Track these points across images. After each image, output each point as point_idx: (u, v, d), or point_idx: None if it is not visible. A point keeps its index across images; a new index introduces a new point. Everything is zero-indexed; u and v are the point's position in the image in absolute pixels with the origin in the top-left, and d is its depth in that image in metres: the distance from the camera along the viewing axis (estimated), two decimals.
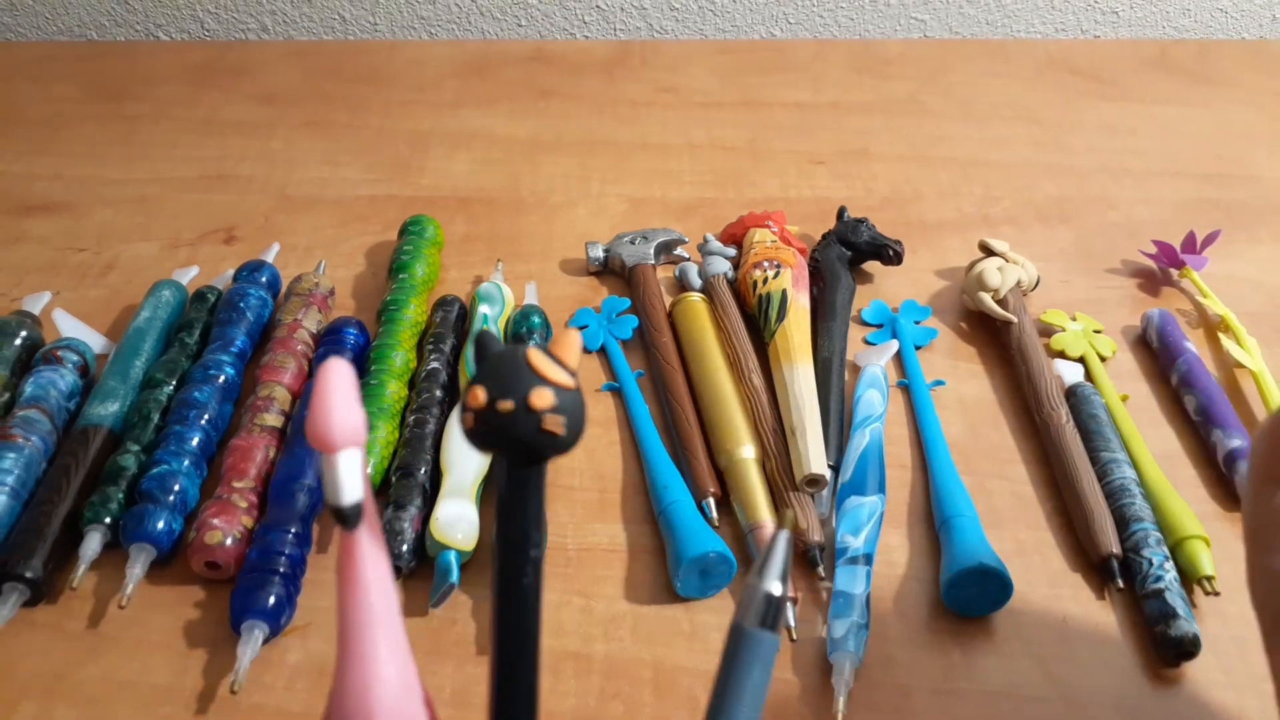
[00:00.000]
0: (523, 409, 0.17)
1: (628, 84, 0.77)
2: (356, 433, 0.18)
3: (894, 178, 0.66)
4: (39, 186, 0.65)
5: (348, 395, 0.18)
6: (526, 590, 0.19)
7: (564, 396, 0.17)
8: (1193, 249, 0.57)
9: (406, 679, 0.20)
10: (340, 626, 0.20)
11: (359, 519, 0.19)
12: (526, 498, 0.18)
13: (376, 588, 0.20)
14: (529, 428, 0.17)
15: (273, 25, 0.88)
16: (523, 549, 0.18)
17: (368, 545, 0.20)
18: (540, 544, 0.19)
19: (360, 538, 0.19)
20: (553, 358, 0.18)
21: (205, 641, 0.39)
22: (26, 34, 0.89)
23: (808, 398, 0.46)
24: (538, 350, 0.18)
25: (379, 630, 0.20)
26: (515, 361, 0.17)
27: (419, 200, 0.64)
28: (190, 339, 0.49)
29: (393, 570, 0.40)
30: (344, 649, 0.20)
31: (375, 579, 0.20)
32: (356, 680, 0.20)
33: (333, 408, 0.17)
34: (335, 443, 0.18)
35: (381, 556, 0.20)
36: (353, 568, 0.19)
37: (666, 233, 0.58)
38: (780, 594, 0.21)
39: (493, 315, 0.51)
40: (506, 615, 0.19)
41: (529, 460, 0.18)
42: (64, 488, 0.41)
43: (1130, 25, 0.89)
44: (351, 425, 0.18)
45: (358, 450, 0.18)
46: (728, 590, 0.41)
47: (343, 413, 0.18)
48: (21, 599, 0.39)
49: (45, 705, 0.37)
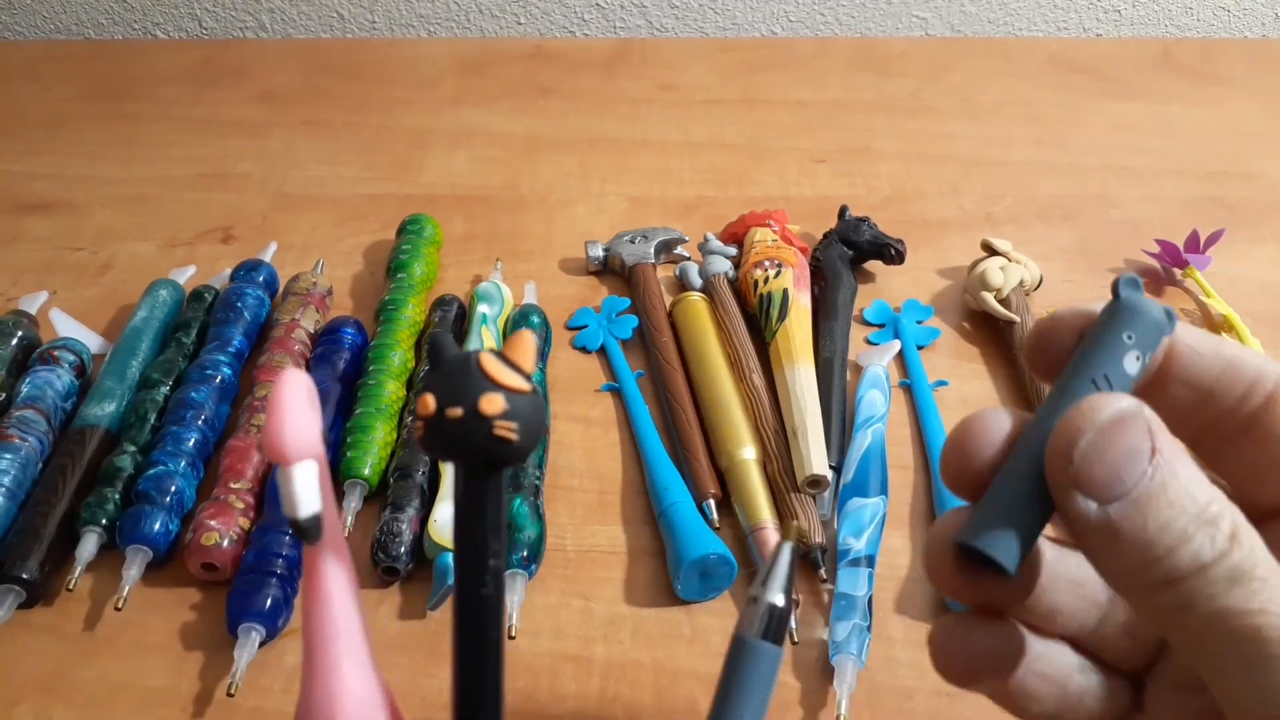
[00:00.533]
0: (472, 415, 0.16)
1: (628, 82, 0.77)
2: (311, 444, 0.17)
3: (896, 176, 0.66)
4: (36, 186, 0.65)
5: (303, 407, 0.17)
6: (487, 600, 0.18)
7: (516, 401, 0.17)
8: (1196, 248, 0.56)
9: (370, 693, 0.20)
10: (305, 639, 0.19)
11: (318, 532, 0.19)
12: (484, 506, 0.18)
13: (339, 601, 0.19)
14: (480, 435, 0.16)
15: (270, 23, 0.88)
16: (482, 558, 0.18)
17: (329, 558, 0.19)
18: (500, 554, 0.18)
19: (320, 551, 0.19)
20: (505, 361, 0.17)
21: (202, 644, 0.38)
22: (24, 32, 0.88)
23: (809, 398, 0.46)
24: (489, 354, 0.17)
25: (342, 643, 0.19)
26: (465, 366, 0.17)
27: (417, 199, 0.64)
28: (187, 339, 0.49)
29: (392, 571, 0.40)
30: (309, 662, 0.20)
31: (337, 591, 0.19)
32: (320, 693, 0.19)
33: (285, 420, 0.17)
34: (289, 455, 0.17)
35: (344, 569, 0.19)
36: (315, 581, 0.19)
37: (667, 232, 0.58)
38: (784, 606, 0.21)
39: (491, 315, 0.51)
40: (467, 627, 0.18)
41: (483, 468, 0.17)
42: (60, 489, 0.41)
43: (1133, 24, 0.89)
44: (306, 437, 0.17)
45: (314, 462, 0.18)
46: (729, 592, 0.40)
47: (296, 425, 0.17)
48: (17, 601, 0.38)
49: (42, 707, 0.36)
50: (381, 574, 0.40)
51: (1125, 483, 0.19)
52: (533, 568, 0.40)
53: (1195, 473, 0.19)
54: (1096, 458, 0.19)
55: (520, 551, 0.39)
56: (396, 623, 0.39)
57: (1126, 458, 0.19)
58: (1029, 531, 0.20)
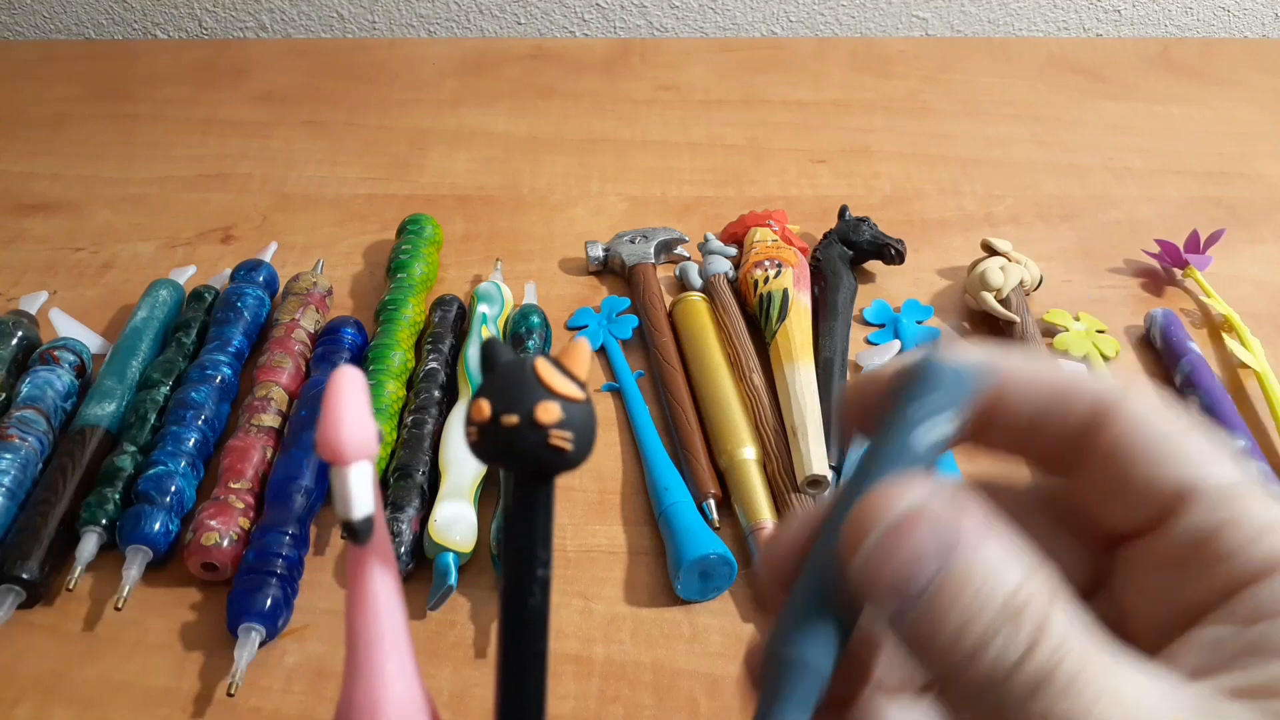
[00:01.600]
0: (528, 424, 0.16)
1: (628, 82, 0.77)
2: (368, 444, 0.17)
3: (896, 176, 0.66)
4: (36, 186, 0.65)
5: (360, 405, 0.17)
6: (533, 611, 0.18)
7: (571, 410, 0.17)
8: (1196, 248, 0.56)
9: (413, 696, 0.20)
10: (348, 641, 0.19)
11: (370, 534, 0.18)
12: (534, 515, 0.17)
13: (385, 603, 0.19)
14: (534, 443, 0.16)
15: (270, 23, 0.88)
16: (530, 568, 0.18)
17: (376, 560, 0.19)
18: (548, 563, 0.18)
19: (369, 553, 0.19)
20: (561, 368, 0.17)
21: (202, 643, 0.38)
22: (24, 32, 0.88)
23: (809, 398, 0.46)
24: (545, 360, 0.17)
25: (387, 647, 0.19)
26: (521, 373, 0.17)
27: (417, 199, 0.64)
28: (187, 339, 0.49)
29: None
30: (352, 664, 0.19)
31: (384, 594, 0.19)
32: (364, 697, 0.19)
33: (343, 419, 0.17)
34: (347, 455, 0.17)
35: (390, 571, 0.19)
36: (362, 583, 0.19)
37: (667, 232, 0.58)
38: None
39: (492, 315, 0.51)
40: (513, 637, 0.18)
41: (536, 476, 0.17)
42: (60, 489, 0.41)
43: (1132, 24, 0.89)
44: (363, 437, 0.17)
45: (369, 463, 0.18)
46: (729, 592, 0.40)
47: (354, 424, 0.17)
48: (18, 601, 0.38)
49: (42, 707, 0.36)
50: None
51: (917, 583, 0.17)
52: None
53: (1003, 552, 0.17)
54: (884, 559, 0.17)
55: None
56: None
57: (916, 557, 0.17)
58: (840, 630, 0.18)
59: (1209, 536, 0.19)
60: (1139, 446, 0.20)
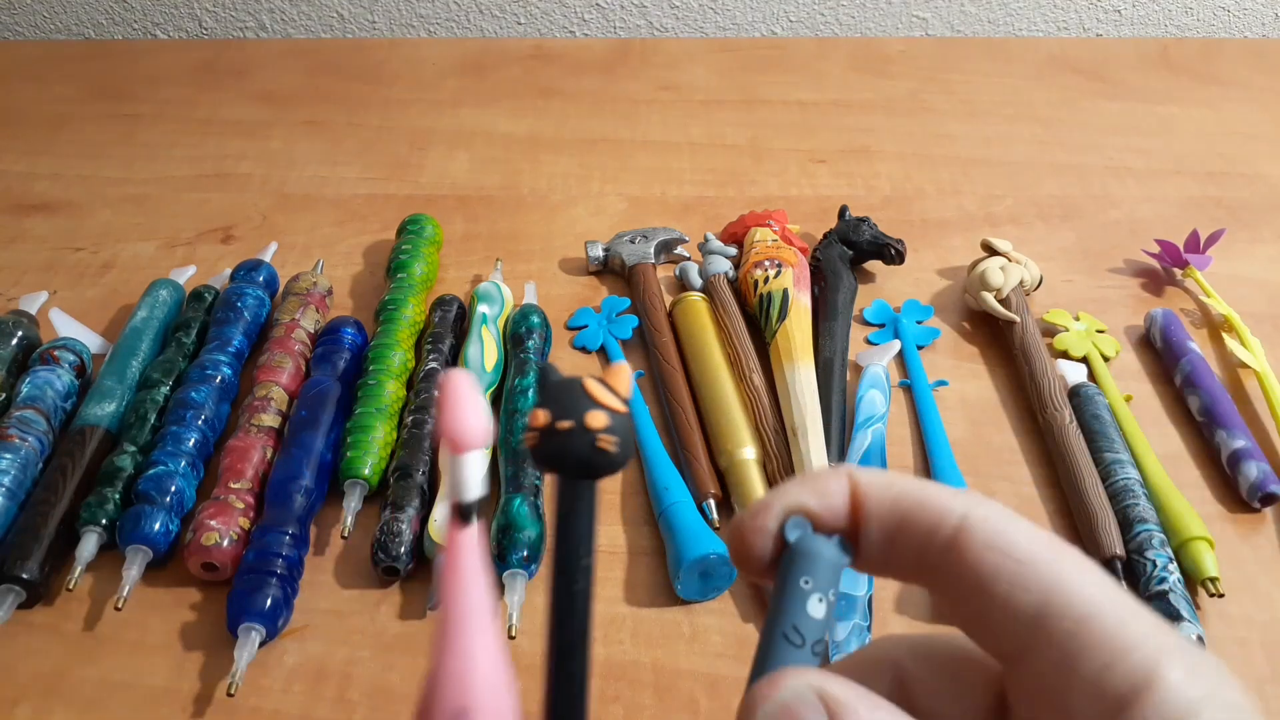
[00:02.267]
0: (580, 428, 0.19)
1: (628, 82, 0.77)
2: (484, 434, 0.20)
3: (896, 176, 0.66)
4: (36, 186, 0.65)
5: (476, 398, 0.20)
6: (578, 595, 0.21)
7: (616, 419, 0.20)
8: (1196, 248, 0.56)
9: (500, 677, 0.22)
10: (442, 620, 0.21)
11: (477, 515, 0.21)
12: (580, 511, 0.21)
13: (478, 584, 0.21)
14: (585, 445, 0.20)
15: (270, 23, 0.88)
16: (577, 558, 0.21)
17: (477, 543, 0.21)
18: (591, 553, 0.21)
19: (474, 533, 0.21)
20: (606, 386, 0.20)
21: (202, 643, 0.38)
22: (24, 32, 0.88)
23: (809, 398, 0.46)
24: (593, 379, 0.20)
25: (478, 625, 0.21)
26: (573, 388, 0.20)
27: (418, 199, 0.64)
28: (187, 339, 0.49)
29: (392, 571, 0.40)
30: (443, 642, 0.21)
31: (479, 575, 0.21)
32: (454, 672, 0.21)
33: (465, 409, 0.20)
34: (466, 443, 0.20)
35: (484, 555, 0.22)
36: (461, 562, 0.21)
37: (667, 232, 0.58)
38: None
39: (492, 315, 0.51)
40: (562, 618, 0.21)
41: (584, 476, 0.20)
42: (60, 488, 0.41)
43: (1132, 24, 0.89)
44: (481, 427, 0.20)
45: (482, 451, 0.20)
46: (729, 592, 0.40)
47: (473, 415, 0.20)
48: (18, 601, 0.38)
49: (42, 706, 0.36)
50: (381, 574, 0.40)
51: None
52: (533, 567, 0.40)
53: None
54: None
55: (520, 551, 0.39)
56: (397, 623, 0.39)
57: None
58: None
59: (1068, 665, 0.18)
60: (988, 569, 0.19)
